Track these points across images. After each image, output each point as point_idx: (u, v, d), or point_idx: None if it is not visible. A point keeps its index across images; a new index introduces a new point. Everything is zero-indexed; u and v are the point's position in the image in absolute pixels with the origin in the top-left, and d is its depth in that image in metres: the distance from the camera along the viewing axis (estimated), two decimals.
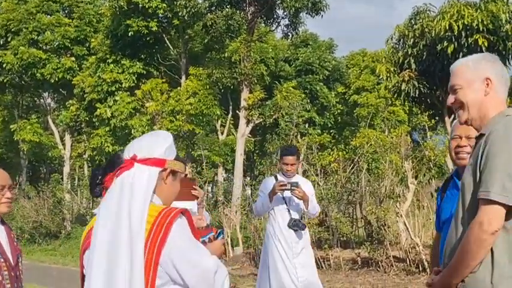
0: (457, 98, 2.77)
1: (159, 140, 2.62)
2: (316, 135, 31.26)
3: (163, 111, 20.85)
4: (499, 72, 2.78)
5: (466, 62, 2.82)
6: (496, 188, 2.46)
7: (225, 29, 20.90)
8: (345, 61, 36.35)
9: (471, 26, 12.25)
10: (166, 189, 2.59)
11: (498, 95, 2.76)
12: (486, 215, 2.47)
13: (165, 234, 2.36)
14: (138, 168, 2.49)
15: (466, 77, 2.76)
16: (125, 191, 2.43)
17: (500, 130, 2.56)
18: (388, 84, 13.64)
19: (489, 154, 2.52)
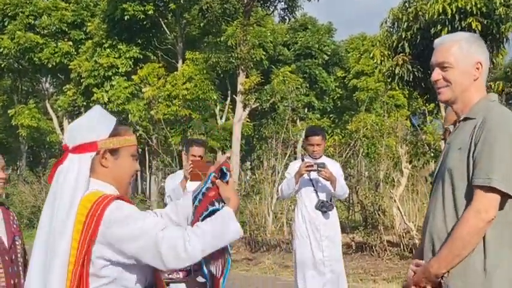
0: (445, 76, 2.69)
1: (84, 121, 2.42)
2: (316, 119, 31.27)
3: (160, 96, 20.80)
4: (487, 57, 2.74)
5: (458, 41, 2.71)
6: (497, 175, 2.41)
7: (221, 12, 20.75)
8: (344, 45, 36.22)
9: (465, 9, 12.11)
10: (109, 171, 2.38)
11: (483, 80, 2.73)
12: (483, 202, 2.43)
13: (96, 225, 2.21)
14: (70, 159, 2.35)
15: (459, 57, 2.67)
16: (57, 186, 2.32)
17: (497, 117, 2.52)
18: (382, 68, 13.53)
19: (487, 141, 2.47)
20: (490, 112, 2.56)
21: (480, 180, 2.44)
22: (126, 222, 2.24)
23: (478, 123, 2.55)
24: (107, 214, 2.23)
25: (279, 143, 16.04)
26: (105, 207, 2.24)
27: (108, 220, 2.22)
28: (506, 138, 2.47)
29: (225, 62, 20.88)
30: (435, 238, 2.60)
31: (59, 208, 2.26)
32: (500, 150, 2.45)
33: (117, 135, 2.40)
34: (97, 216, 2.22)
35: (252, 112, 23.52)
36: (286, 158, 15.90)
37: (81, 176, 2.31)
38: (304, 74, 31.11)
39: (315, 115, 32.14)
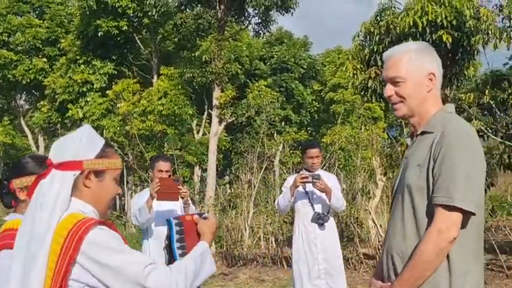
0: (398, 92, 2.61)
1: (72, 138, 2.36)
2: (293, 133, 31.33)
3: (135, 111, 20.70)
4: (439, 66, 2.66)
5: (407, 52, 2.61)
6: (458, 193, 2.35)
7: (195, 28, 20.77)
8: (321, 58, 36.42)
9: (435, 22, 12.22)
10: (92, 192, 2.32)
11: (438, 90, 2.65)
12: (445, 221, 2.36)
13: (75, 247, 2.14)
14: (53, 176, 2.28)
15: (410, 70, 2.58)
16: (37, 201, 2.24)
17: (455, 132, 2.45)
18: (356, 82, 13.59)
19: (446, 158, 2.40)
20: (448, 126, 2.49)
21: (441, 199, 2.37)
22: (109, 250, 2.18)
23: (436, 137, 2.48)
24: (88, 237, 2.16)
25: (254, 157, 16.00)
26: (86, 230, 2.17)
27: (89, 244, 2.16)
28: (466, 154, 2.41)
29: (200, 76, 20.84)
30: (395, 257, 2.53)
31: (39, 225, 2.19)
32: (460, 167, 2.38)
33: (103, 157, 2.35)
34: (77, 238, 2.15)
35: (229, 126, 23.50)
36: (263, 172, 15.86)
37: (62, 193, 2.25)
38: (280, 88, 31.21)
39: (293, 128, 32.21)
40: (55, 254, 2.15)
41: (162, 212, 5.74)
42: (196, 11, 20.78)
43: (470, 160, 2.41)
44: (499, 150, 11.00)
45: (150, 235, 5.93)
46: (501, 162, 10.65)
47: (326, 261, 6.27)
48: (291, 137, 28.44)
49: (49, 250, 2.15)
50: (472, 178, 2.39)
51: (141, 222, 5.73)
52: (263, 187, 16.78)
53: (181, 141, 25.67)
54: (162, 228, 5.91)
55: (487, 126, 10.85)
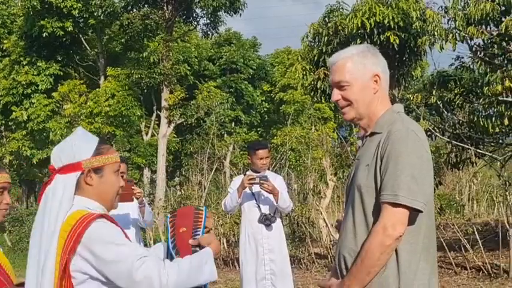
0: (344, 96, 2.60)
1: (67, 143, 2.50)
2: (243, 133, 31.35)
3: (82, 113, 20.29)
4: (385, 67, 2.65)
5: (351, 57, 2.60)
6: (403, 191, 2.35)
7: (142, 28, 20.53)
8: (270, 59, 36.54)
9: (383, 24, 12.36)
10: (94, 189, 2.47)
11: (384, 91, 2.64)
12: (390, 219, 2.36)
13: (76, 240, 2.29)
14: (57, 180, 2.44)
15: (354, 73, 2.58)
16: (46, 206, 2.40)
17: (401, 131, 2.45)
18: (305, 83, 13.64)
19: (392, 156, 2.41)
20: (394, 125, 2.50)
21: (387, 197, 2.38)
22: (105, 243, 2.32)
23: (383, 137, 2.49)
24: (88, 231, 2.30)
25: (204, 158, 15.92)
26: (87, 224, 2.31)
27: (89, 237, 2.30)
28: (411, 152, 2.42)
29: (148, 77, 20.61)
30: (347, 257, 2.53)
31: (48, 226, 2.35)
32: (405, 165, 2.39)
33: (100, 154, 2.48)
34: (78, 232, 2.29)
35: (179, 127, 23.31)
36: (213, 173, 15.78)
37: (66, 194, 2.40)
38: (230, 89, 31.17)
39: (242, 129, 32.21)
40: (60, 248, 2.31)
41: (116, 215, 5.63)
42: (143, 12, 20.55)
43: (416, 158, 2.42)
44: (446, 150, 11.21)
45: None
46: (448, 161, 10.84)
47: (273, 262, 6.26)
48: (241, 138, 28.50)
49: (56, 247, 2.32)
50: (418, 175, 2.40)
51: None
52: (214, 188, 16.72)
53: (130, 143, 25.33)
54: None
55: (435, 126, 11.02)
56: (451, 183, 16.67)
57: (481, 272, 8.90)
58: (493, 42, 9.59)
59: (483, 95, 9.42)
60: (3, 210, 2.94)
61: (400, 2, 12.67)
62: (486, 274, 8.78)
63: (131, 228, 5.84)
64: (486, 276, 8.75)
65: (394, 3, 12.77)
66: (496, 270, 8.78)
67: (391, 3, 12.87)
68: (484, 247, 9.26)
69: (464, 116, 10.67)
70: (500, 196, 10.53)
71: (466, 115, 10.58)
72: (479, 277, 8.82)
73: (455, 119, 10.67)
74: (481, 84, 9.62)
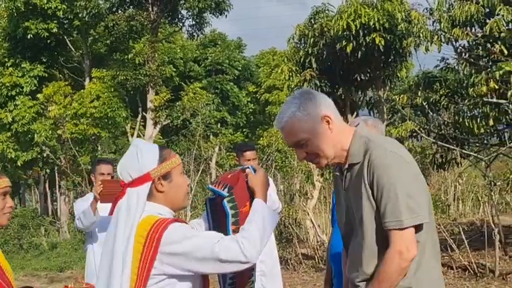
0: (309, 151, 2.61)
1: (133, 155, 2.60)
2: (229, 134, 31.30)
3: (67, 114, 20.16)
4: (327, 102, 2.62)
5: (292, 114, 2.56)
6: (405, 214, 2.41)
7: (128, 30, 20.46)
8: (255, 60, 36.53)
9: (368, 25, 12.45)
10: (166, 194, 2.59)
11: (340, 123, 2.63)
12: (403, 242, 2.43)
13: (156, 245, 2.42)
14: (129, 193, 2.55)
15: (305, 128, 2.55)
16: (118, 222, 2.52)
17: (381, 156, 2.49)
18: (291, 84, 13.68)
19: (382, 183, 2.46)
20: (372, 153, 2.52)
21: (392, 224, 2.44)
22: (184, 241, 2.44)
23: (364, 166, 2.52)
24: (165, 235, 2.43)
25: (191, 159, 15.88)
26: (163, 229, 2.44)
27: (168, 241, 2.42)
28: (398, 173, 2.47)
29: (133, 79, 20.54)
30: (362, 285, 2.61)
31: (123, 234, 2.48)
32: (397, 188, 2.44)
33: (164, 161, 2.60)
34: (156, 238, 2.42)
35: (164, 129, 23.24)
36: (199, 175, 15.76)
37: (139, 204, 2.53)
38: (215, 90, 31.12)
39: (228, 130, 32.17)
40: (138, 252, 2.44)
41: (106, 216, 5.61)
42: (128, 13, 20.49)
43: (404, 177, 2.47)
44: (432, 150, 11.29)
45: (94, 240, 5.76)
46: (434, 162, 10.92)
47: (263, 263, 6.25)
48: (227, 139, 28.44)
49: (133, 252, 2.44)
50: (412, 192, 2.46)
51: (86, 226, 5.54)
52: (200, 190, 16.68)
53: (115, 144, 25.21)
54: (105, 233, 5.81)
55: (420, 126, 11.10)
56: (436, 184, 16.77)
57: (467, 272, 8.97)
58: (478, 44, 9.68)
59: (468, 96, 9.51)
60: (7, 214, 2.93)
61: (386, 3, 12.77)
62: (472, 274, 8.85)
63: None
64: (472, 275, 8.83)
65: (379, 5, 12.87)
66: (482, 269, 8.86)
67: (376, 5, 12.96)
68: (470, 247, 9.33)
69: (449, 116, 10.76)
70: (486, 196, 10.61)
71: (451, 116, 10.67)
72: (465, 276, 8.90)
73: (440, 119, 10.75)
74: (466, 86, 9.70)
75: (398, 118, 14.47)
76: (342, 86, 14.11)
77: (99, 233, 5.69)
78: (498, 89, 8.96)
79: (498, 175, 12.33)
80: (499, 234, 8.97)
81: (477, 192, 14.84)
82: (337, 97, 14.45)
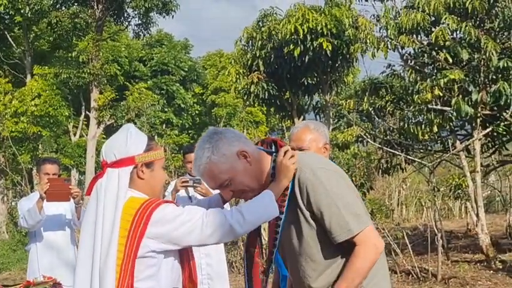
0: (234, 190, 2.60)
1: (121, 137, 2.66)
2: (175, 135, 31.07)
3: (6, 112, 19.54)
4: (235, 137, 2.60)
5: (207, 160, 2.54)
6: (352, 222, 2.45)
7: (72, 27, 20.02)
8: (202, 62, 36.41)
9: (316, 30, 12.52)
10: (146, 182, 2.64)
11: (255, 151, 2.62)
12: (372, 237, 2.48)
13: (145, 223, 2.47)
14: (110, 173, 2.60)
15: (223, 170, 2.54)
16: (99, 198, 2.56)
17: (309, 178, 2.48)
18: (238, 86, 13.63)
19: (320, 202, 2.45)
20: (299, 174, 2.51)
21: (343, 236, 2.45)
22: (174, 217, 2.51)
23: (296, 191, 2.51)
24: (155, 213, 2.50)
25: None
26: (154, 208, 2.51)
27: (157, 218, 2.49)
28: (331, 188, 2.47)
29: (77, 77, 20.10)
30: None
31: (104, 215, 2.52)
32: (336, 201, 2.45)
33: (150, 150, 2.66)
34: (146, 215, 2.49)
35: (108, 128, 22.84)
36: None
37: (122, 186, 2.57)
38: (161, 91, 30.88)
39: (174, 131, 31.95)
40: (125, 230, 2.49)
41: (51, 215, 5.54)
42: (72, 10, 20.09)
43: (339, 188, 2.50)
44: (377, 156, 11.39)
45: (38, 239, 5.67)
46: (379, 167, 11.02)
47: (209, 266, 6.19)
48: (172, 140, 28.20)
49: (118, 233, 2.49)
50: (351, 201, 2.51)
51: (30, 225, 5.43)
52: None
53: (57, 143, 24.65)
54: (51, 233, 5.67)
55: (366, 132, 11.19)
56: (381, 188, 16.98)
57: (410, 276, 9.08)
58: (423, 52, 9.81)
59: (413, 103, 9.62)
60: None
61: (333, 9, 12.89)
62: (415, 278, 8.96)
63: (66, 229, 5.72)
64: (415, 279, 8.94)
65: (327, 10, 12.97)
66: (425, 274, 8.98)
67: (324, 10, 13.06)
68: (413, 251, 9.46)
69: (395, 122, 10.87)
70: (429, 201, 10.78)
71: (396, 122, 10.79)
72: (408, 280, 9.00)
73: (386, 125, 10.86)
74: (411, 92, 9.82)
75: (344, 123, 14.61)
76: (289, 90, 14.15)
77: (45, 232, 5.63)
78: (442, 96, 9.11)
79: (441, 181, 12.54)
80: (442, 239, 9.11)
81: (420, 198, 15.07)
82: (284, 101, 14.49)
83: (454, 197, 12.17)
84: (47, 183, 5.21)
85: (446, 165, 14.63)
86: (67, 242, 5.74)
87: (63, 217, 5.66)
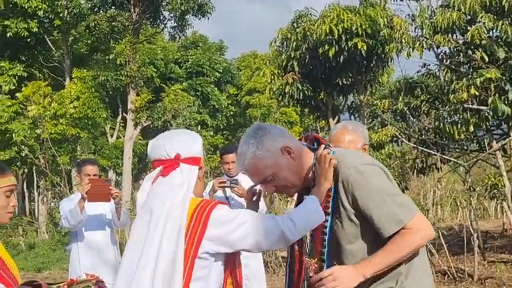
0: (277, 185, 2.62)
1: (195, 138, 2.69)
2: (210, 137, 31.27)
3: (46, 114, 19.97)
4: (280, 132, 2.63)
5: (252, 155, 2.57)
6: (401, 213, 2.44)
7: (109, 30, 20.37)
8: (236, 63, 36.54)
9: (351, 30, 12.53)
10: (199, 185, 2.67)
11: (300, 149, 2.64)
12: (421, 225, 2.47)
13: (204, 225, 2.49)
14: (184, 168, 2.59)
15: (267, 165, 2.57)
16: (167, 194, 2.53)
17: (354, 174, 2.49)
18: (273, 87, 13.71)
19: (367, 199, 2.45)
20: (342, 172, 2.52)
21: (394, 228, 2.44)
22: (230, 219, 2.52)
23: (340, 189, 2.52)
24: (215, 212, 2.51)
25: None
26: (212, 207, 2.53)
27: (215, 220, 2.49)
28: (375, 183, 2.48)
29: (114, 79, 20.43)
30: None
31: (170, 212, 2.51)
32: (381, 195, 2.46)
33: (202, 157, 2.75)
34: (205, 215, 2.50)
35: (145, 130, 23.14)
36: None
37: (191, 182, 2.59)
38: (196, 92, 31.09)
39: (209, 132, 32.14)
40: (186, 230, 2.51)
41: (92, 215, 5.61)
42: (110, 13, 20.38)
43: (383, 183, 2.51)
44: (412, 155, 11.35)
45: (79, 239, 5.75)
46: (414, 167, 10.99)
47: (246, 267, 6.23)
48: (207, 141, 28.43)
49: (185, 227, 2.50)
50: (395, 192, 2.51)
51: (72, 225, 5.52)
52: None
53: (95, 144, 25.05)
54: (91, 232, 5.74)
55: (401, 131, 11.17)
56: (415, 188, 16.87)
57: (446, 276, 9.04)
58: (459, 51, 9.77)
59: (449, 102, 9.58)
60: (10, 213, 2.88)
61: (368, 9, 12.87)
62: (451, 278, 8.92)
63: (106, 228, 5.79)
64: (451, 280, 8.90)
65: (362, 10, 12.95)
66: (461, 274, 8.94)
67: (359, 10, 13.04)
68: (448, 251, 9.40)
69: (430, 122, 10.83)
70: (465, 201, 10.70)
71: (431, 121, 10.75)
72: (444, 281, 8.97)
73: (421, 125, 10.82)
74: (446, 91, 9.78)
75: (378, 123, 14.57)
76: (323, 90, 14.17)
77: (86, 231, 5.70)
78: (478, 95, 9.06)
79: (477, 181, 12.44)
80: (478, 239, 9.05)
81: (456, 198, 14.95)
82: (318, 101, 14.52)
83: (490, 197, 12.03)
84: (88, 184, 5.29)
85: (482, 165, 14.47)
86: (107, 241, 5.82)
87: (104, 217, 5.72)
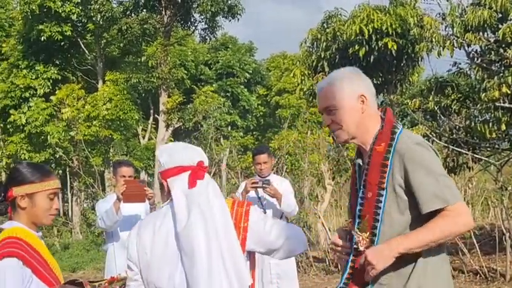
0: (334, 120, 2.70)
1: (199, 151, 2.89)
2: (240, 137, 31.39)
3: (80, 117, 20.34)
4: (369, 86, 2.74)
5: (334, 81, 2.71)
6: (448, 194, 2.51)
7: (141, 33, 20.66)
8: (266, 64, 36.62)
9: (381, 30, 12.50)
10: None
11: (373, 109, 2.73)
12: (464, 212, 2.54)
13: (245, 221, 2.73)
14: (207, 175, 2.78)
15: (340, 97, 2.67)
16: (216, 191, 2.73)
17: (410, 147, 2.56)
18: (303, 87, 13.75)
19: (419, 170, 2.52)
20: (400, 144, 2.60)
21: (437, 204, 2.50)
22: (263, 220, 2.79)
23: (395, 159, 2.57)
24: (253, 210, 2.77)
25: None
26: (248, 205, 2.81)
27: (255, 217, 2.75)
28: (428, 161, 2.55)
29: (146, 81, 20.71)
30: None
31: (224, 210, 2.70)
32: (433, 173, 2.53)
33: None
34: (244, 216, 2.74)
35: (176, 131, 23.37)
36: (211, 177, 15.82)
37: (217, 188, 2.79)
38: (226, 93, 31.26)
39: (239, 133, 32.27)
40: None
41: (127, 216, 5.69)
42: (141, 16, 20.68)
43: (435, 163, 2.59)
44: (443, 154, 11.32)
45: (115, 239, 5.84)
46: (446, 166, 10.95)
47: (278, 266, 6.31)
48: (238, 142, 28.55)
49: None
50: (445, 174, 2.60)
51: (108, 225, 5.63)
52: None
53: (127, 146, 25.36)
54: (127, 233, 5.89)
55: (432, 130, 11.14)
56: None
57: (478, 276, 9.02)
58: (490, 49, 9.72)
59: (480, 101, 9.55)
60: (52, 215, 2.95)
61: (398, 8, 12.82)
62: (483, 278, 8.89)
63: None
64: (483, 279, 8.87)
65: (391, 9, 12.92)
66: (493, 274, 8.90)
67: (389, 9, 13.01)
68: (480, 251, 9.36)
69: (461, 121, 10.79)
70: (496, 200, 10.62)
71: (462, 120, 10.71)
72: (476, 281, 8.94)
73: (452, 124, 10.79)
74: (477, 90, 9.76)
75: (407, 122, 14.53)
76: None
77: (121, 232, 5.77)
78: (510, 93, 9.01)
79: (509, 180, 12.33)
80: (510, 239, 9.00)
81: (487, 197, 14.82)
82: None
83: None
84: (123, 185, 5.38)
85: None
86: None
87: (138, 217, 5.71)
